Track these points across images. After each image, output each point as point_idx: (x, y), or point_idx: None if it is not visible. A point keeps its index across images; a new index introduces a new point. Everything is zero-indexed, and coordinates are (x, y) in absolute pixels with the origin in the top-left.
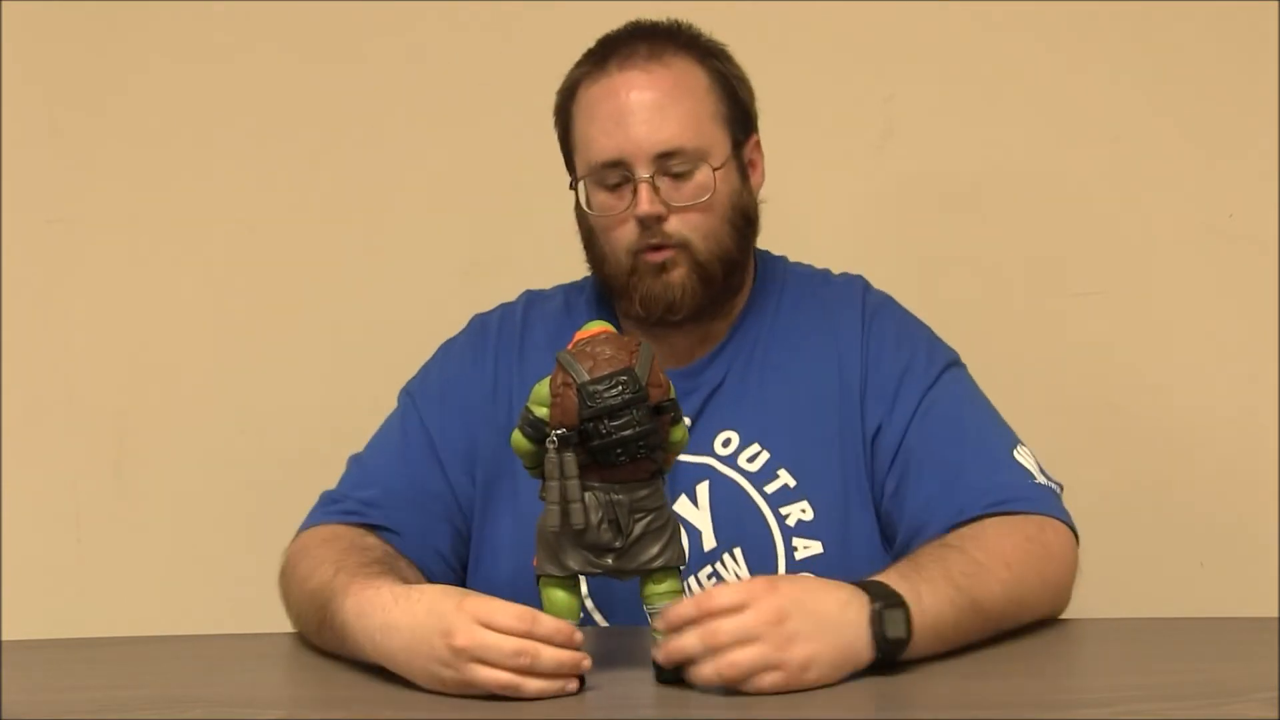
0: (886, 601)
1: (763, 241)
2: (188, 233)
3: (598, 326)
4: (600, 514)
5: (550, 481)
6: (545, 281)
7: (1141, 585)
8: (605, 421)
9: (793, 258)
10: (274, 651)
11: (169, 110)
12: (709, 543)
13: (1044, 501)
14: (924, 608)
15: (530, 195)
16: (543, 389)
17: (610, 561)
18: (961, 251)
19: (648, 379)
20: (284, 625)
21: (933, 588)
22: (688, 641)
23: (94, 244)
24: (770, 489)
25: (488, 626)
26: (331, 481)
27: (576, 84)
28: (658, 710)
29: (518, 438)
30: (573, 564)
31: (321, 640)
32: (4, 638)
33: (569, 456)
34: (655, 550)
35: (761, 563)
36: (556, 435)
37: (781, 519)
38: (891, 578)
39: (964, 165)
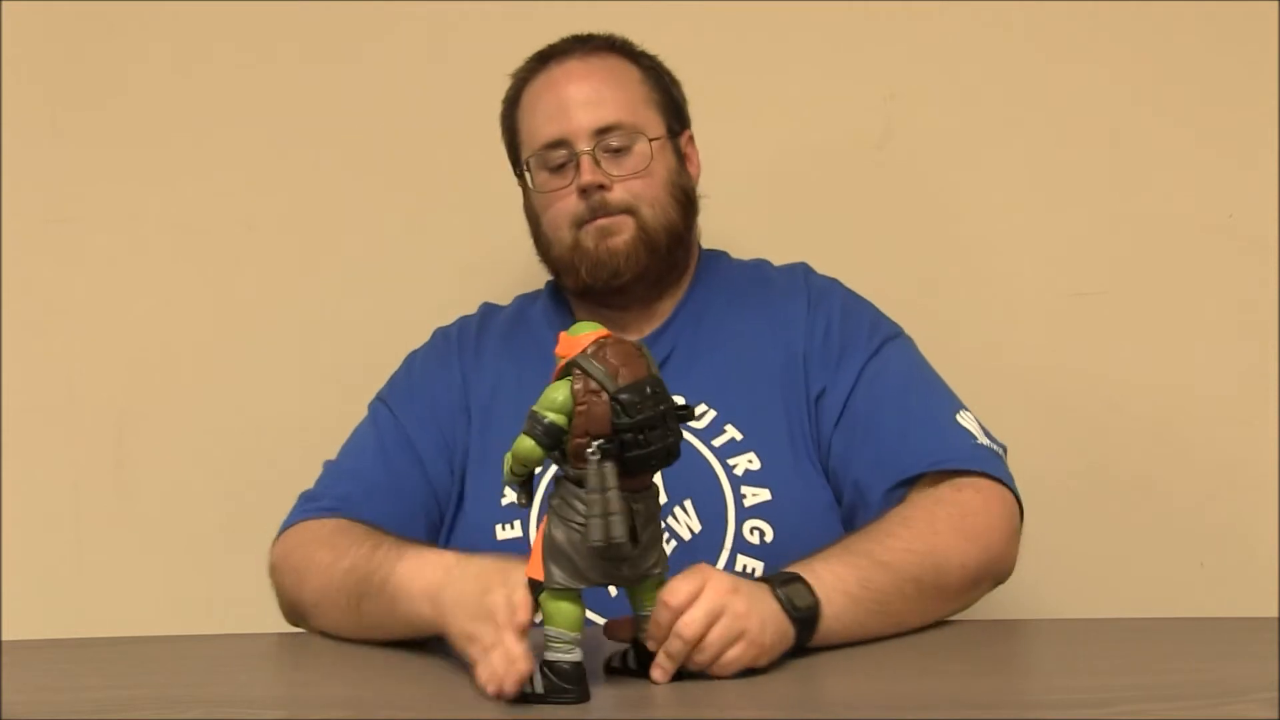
0: (782, 580)
1: (761, 240)
2: (188, 233)
3: (593, 329)
4: (628, 524)
5: (592, 495)
6: (543, 281)
7: (1142, 585)
8: (645, 432)
9: (792, 256)
10: (274, 651)
11: (169, 110)
12: (661, 498)
13: (982, 461)
14: (819, 576)
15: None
16: (557, 395)
17: (625, 571)
18: (961, 251)
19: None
20: (283, 625)
21: (826, 561)
22: (672, 647)
23: (94, 244)
24: (718, 443)
25: None
26: None
27: (520, 87)
28: (651, 710)
29: (530, 445)
30: (595, 575)
31: (358, 615)
32: (4, 638)
33: (610, 467)
34: (654, 558)
35: (712, 512)
36: (600, 446)
37: (729, 469)
38: (786, 567)
39: (964, 165)
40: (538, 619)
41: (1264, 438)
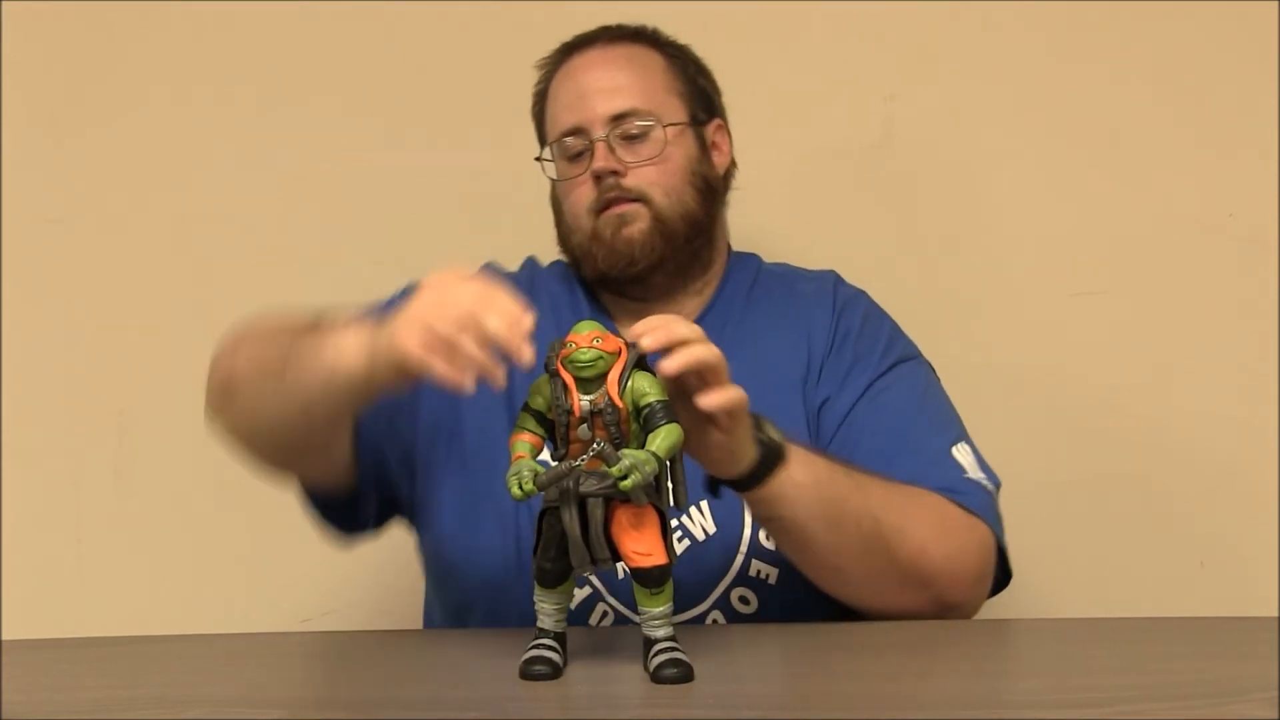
0: (759, 418)
1: (763, 241)
2: (188, 233)
3: (591, 328)
4: None
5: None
6: None
7: (1142, 585)
8: None
9: (792, 257)
10: (274, 651)
11: (169, 110)
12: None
13: (969, 495)
14: (795, 446)
15: (531, 194)
16: (654, 381)
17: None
18: (961, 251)
19: None
20: (283, 625)
21: (809, 448)
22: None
23: (94, 244)
24: None
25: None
26: None
27: (547, 80)
28: (647, 710)
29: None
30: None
31: (292, 357)
32: (4, 638)
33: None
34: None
35: (727, 514)
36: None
37: None
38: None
39: (963, 165)
40: None
41: (1264, 438)
